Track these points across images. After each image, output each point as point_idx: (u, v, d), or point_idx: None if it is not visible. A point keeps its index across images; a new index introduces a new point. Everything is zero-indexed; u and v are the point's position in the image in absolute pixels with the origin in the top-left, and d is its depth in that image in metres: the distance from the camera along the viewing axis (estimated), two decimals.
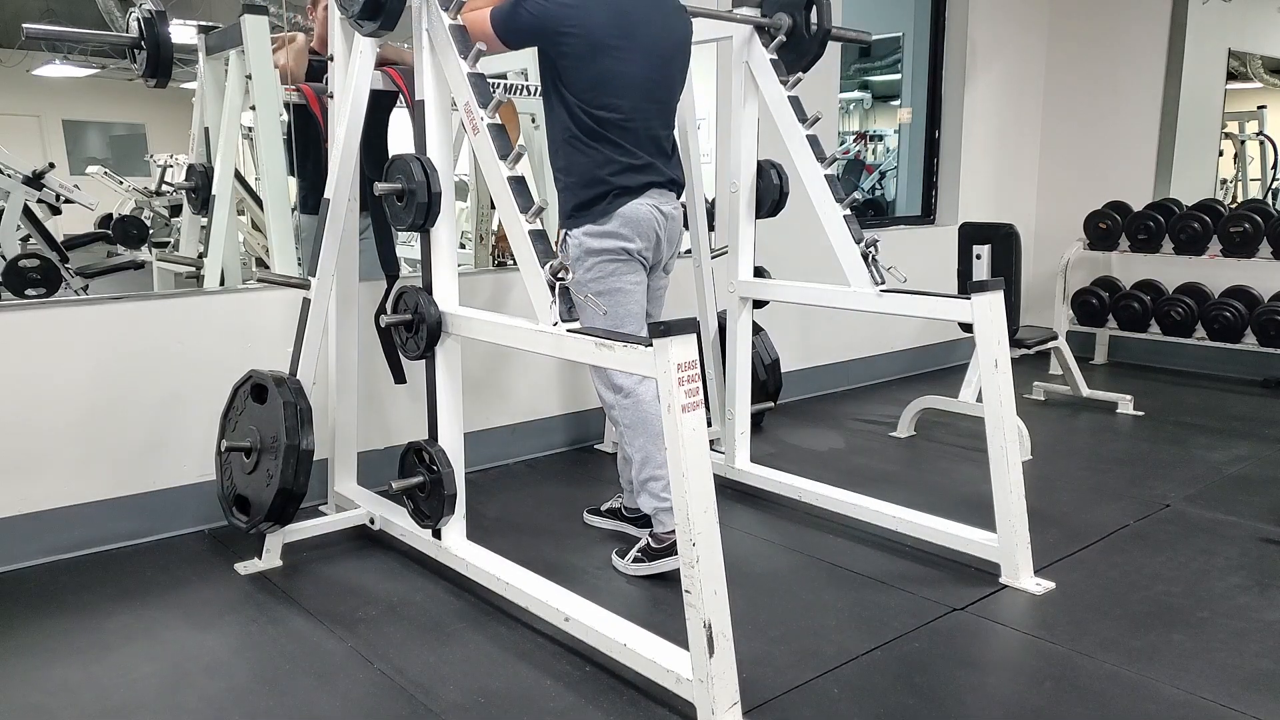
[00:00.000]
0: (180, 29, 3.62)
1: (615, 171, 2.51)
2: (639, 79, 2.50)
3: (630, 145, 2.53)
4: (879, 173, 8.15)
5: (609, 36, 2.43)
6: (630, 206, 2.53)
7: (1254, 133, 6.82)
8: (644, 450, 2.54)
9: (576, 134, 2.50)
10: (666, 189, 2.64)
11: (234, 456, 2.67)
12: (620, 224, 2.53)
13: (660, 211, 2.60)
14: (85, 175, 3.72)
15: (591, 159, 2.50)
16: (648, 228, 2.57)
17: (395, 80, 2.76)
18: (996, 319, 2.53)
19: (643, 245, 2.57)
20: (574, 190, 2.55)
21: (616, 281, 2.55)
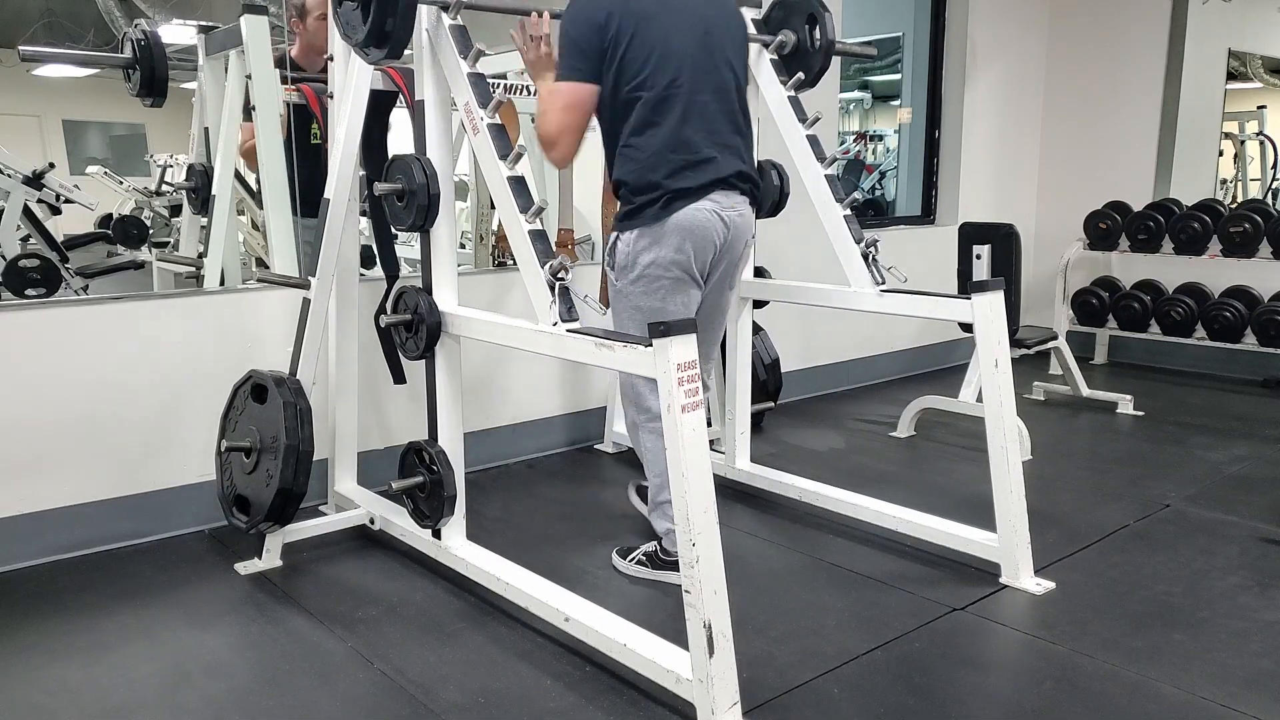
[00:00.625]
0: (180, 29, 3.63)
1: (670, 172, 2.30)
2: (687, 51, 2.31)
3: (685, 132, 2.30)
4: (879, 173, 8.15)
5: (645, 8, 2.27)
6: (687, 213, 2.32)
7: (1254, 133, 6.82)
8: (664, 475, 2.45)
9: (624, 135, 2.33)
10: (733, 188, 2.40)
11: (234, 456, 2.66)
12: (674, 233, 2.32)
13: (721, 218, 2.37)
14: (85, 175, 3.72)
15: (642, 160, 2.31)
16: (703, 238, 2.35)
17: (395, 80, 2.76)
18: (996, 319, 2.53)
19: (697, 258, 2.37)
20: (628, 198, 2.36)
21: (661, 301, 2.38)
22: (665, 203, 2.31)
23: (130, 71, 3.06)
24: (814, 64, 3.04)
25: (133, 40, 3.02)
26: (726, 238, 2.41)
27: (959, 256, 3.80)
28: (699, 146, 2.33)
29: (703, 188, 2.33)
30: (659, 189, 2.31)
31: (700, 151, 2.33)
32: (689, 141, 2.32)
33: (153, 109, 3.15)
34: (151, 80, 3.01)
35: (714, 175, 2.34)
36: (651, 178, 2.31)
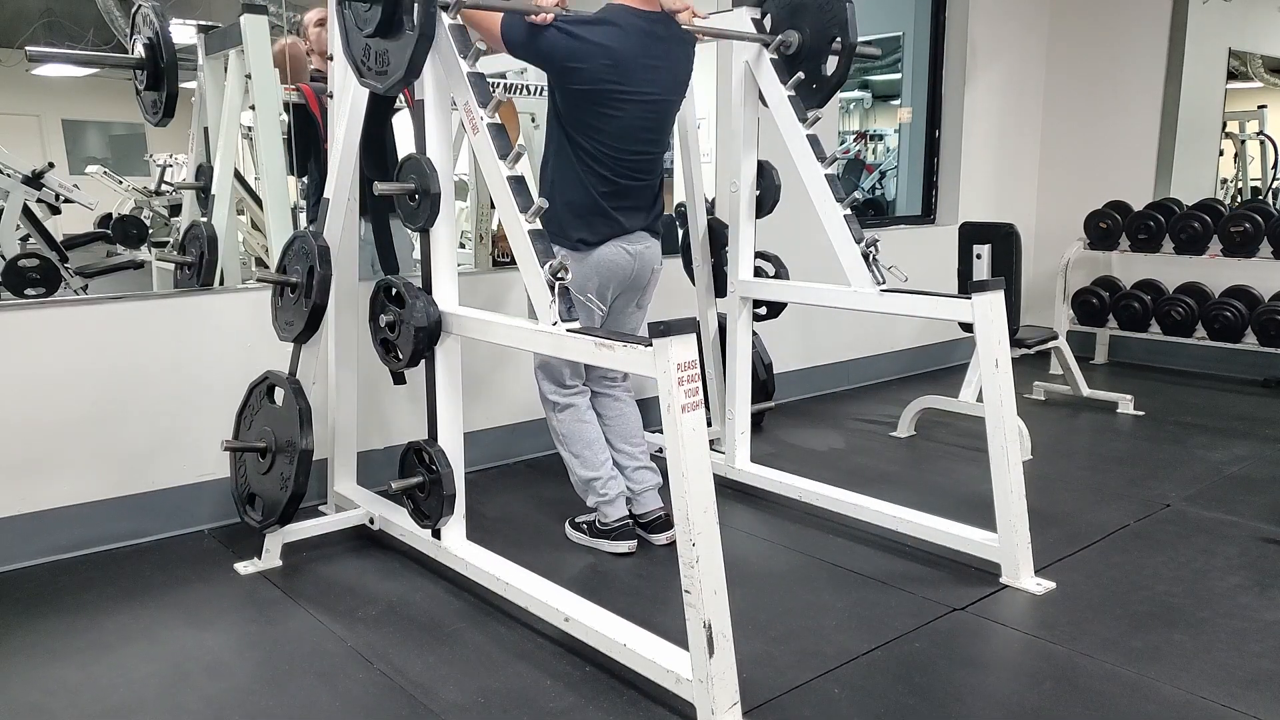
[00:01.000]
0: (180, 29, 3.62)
1: (591, 211, 2.62)
2: (631, 129, 2.60)
3: (612, 190, 2.63)
4: (879, 172, 8.14)
5: (607, 83, 2.52)
6: (599, 252, 2.66)
7: (1254, 132, 6.81)
8: (579, 454, 2.78)
9: (569, 155, 2.61)
10: (640, 232, 2.74)
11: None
12: (591, 269, 2.66)
13: (628, 251, 2.71)
14: (85, 175, 3.72)
15: (575, 184, 2.62)
16: (610, 270, 2.70)
17: None
18: (997, 319, 2.53)
19: (602, 284, 2.70)
20: (556, 205, 2.57)
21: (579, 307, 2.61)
22: (583, 243, 2.67)
23: (139, 72, 3.01)
24: (824, 69, 2.96)
25: (144, 42, 2.95)
26: (634, 267, 2.75)
27: (959, 256, 3.80)
28: (618, 201, 2.68)
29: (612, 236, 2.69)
30: (582, 222, 2.66)
31: (618, 203, 2.68)
32: (613, 195, 2.67)
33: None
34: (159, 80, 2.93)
35: (623, 229, 2.69)
36: (580, 205, 2.65)
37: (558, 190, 2.63)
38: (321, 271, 2.49)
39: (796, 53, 2.99)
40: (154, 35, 2.86)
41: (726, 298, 3.30)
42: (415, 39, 2.16)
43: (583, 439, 2.78)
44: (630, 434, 2.91)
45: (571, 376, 2.79)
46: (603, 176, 2.61)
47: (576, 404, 2.79)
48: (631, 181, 2.66)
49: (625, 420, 2.92)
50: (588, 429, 2.79)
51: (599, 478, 2.77)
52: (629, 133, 2.60)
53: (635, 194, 2.70)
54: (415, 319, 2.37)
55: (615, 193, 2.64)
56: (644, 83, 2.58)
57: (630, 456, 2.87)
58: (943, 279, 3.86)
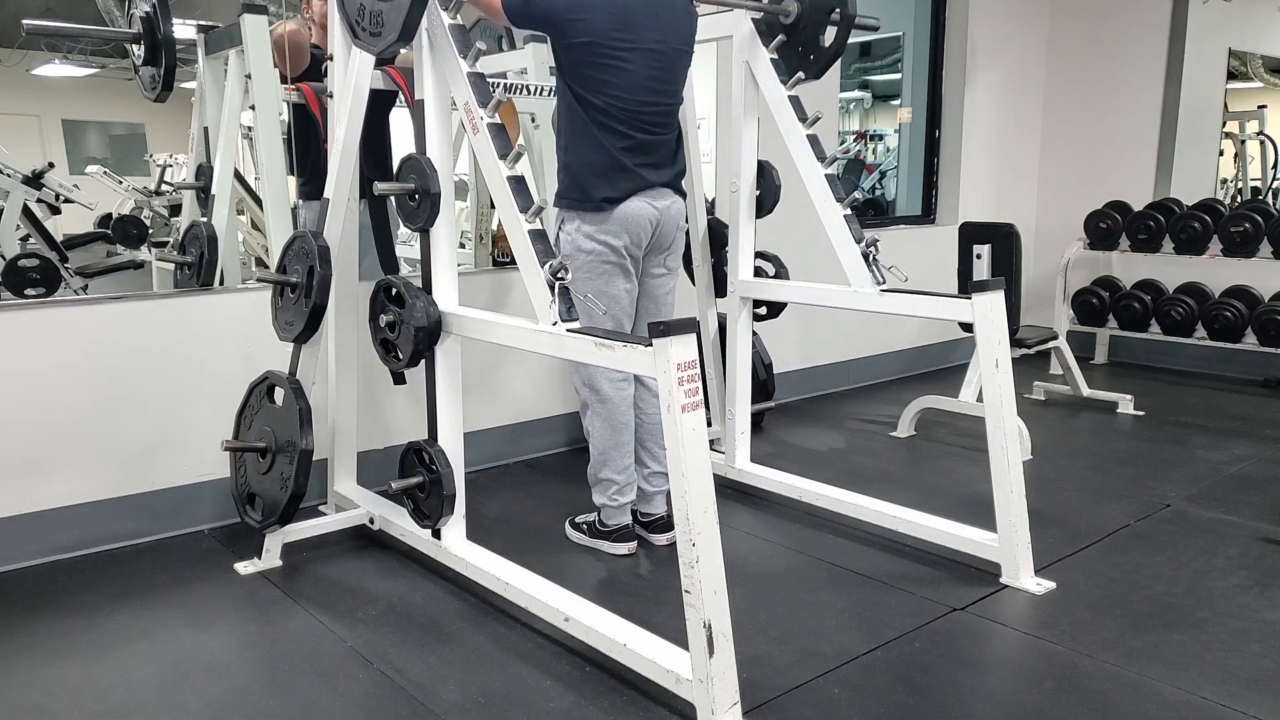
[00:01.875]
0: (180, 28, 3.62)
1: (612, 168, 2.56)
2: (639, 78, 2.54)
3: (630, 145, 2.57)
4: (879, 172, 8.14)
5: (612, 34, 2.47)
6: (625, 208, 2.60)
7: (1254, 132, 6.81)
8: (605, 452, 2.73)
9: (581, 118, 2.56)
10: (663, 188, 2.68)
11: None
12: (614, 223, 2.60)
13: (653, 206, 2.65)
14: (85, 175, 3.72)
15: (591, 144, 2.56)
16: (637, 224, 2.63)
17: (395, 80, 2.76)
18: (997, 319, 2.53)
19: (631, 241, 2.63)
20: (575, 171, 2.59)
21: (608, 285, 2.63)
22: (605, 200, 2.61)
23: (136, 47, 2.97)
24: (820, 44, 2.93)
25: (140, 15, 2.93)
26: (658, 221, 2.68)
27: (959, 256, 3.80)
28: (638, 156, 2.63)
29: (635, 190, 2.63)
30: (602, 180, 2.60)
31: (638, 158, 2.62)
32: (632, 151, 2.62)
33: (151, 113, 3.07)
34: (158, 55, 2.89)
35: (645, 184, 2.64)
36: (598, 164, 2.60)
37: (574, 153, 2.60)
38: (321, 271, 2.49)
39: (795, 22, 2.98)
40: (151, 8, 2.86)
41: (726, 298, 3.30)
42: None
43: (616, 437, 2.73)
44: (662, 438, 2.84)
45: (602, 380, 2.73)
46: (619, 132, 2.56)
47: (617, 399, 2.71)
48: (648, 135, 2.61)
49: (659, 418, 2.84)
50: (624, 429, 2.73)
51: (616, 483, 2.74)
52: (639, 83, 2.55)
53: (654, 148, 2.64)
54: (415, 319, 2.38)
55: (633, 148, 2.59)
56: (650, 30, 2.54)
57: (655, 459, 2.85)
58: (943, 279, 3.86)
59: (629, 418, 2.75)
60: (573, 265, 2.44)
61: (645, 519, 2.86)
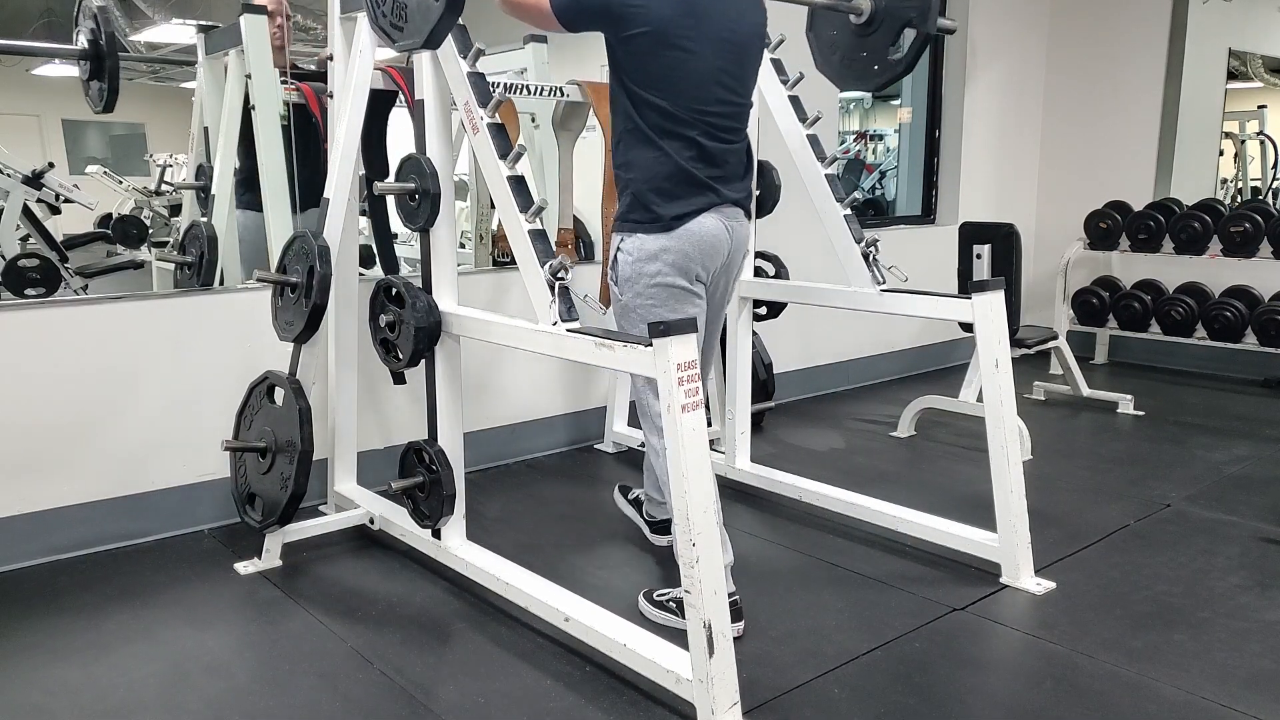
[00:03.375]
0: (180, 28, 3.62)
1: (681, 181, 2.26)
2: (708, 73, 2.25)
3: (699, 154, 2.28)
4: (879, 172, 8.15)
5: (677, 25, 2.19)
6: (698, 225, 2.29)
7: (1254, 132, 6.82)
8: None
9: (641, 126, 2.26)
10: (734, 206, 2.39)
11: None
12: (685, 243, 2.28)
13: (727, 226, 2.36)
14: (85, 175, 3.72)
15: (657, 158, 2.26)
16: (712, 245, 2.33)
17: (395, 79, 2.76)
18: (997, 319, 2.53)
19: (704, 266, 2.34)
20: (637, 188, 2.28)
21: (672, 313, 2.28)
22: (673, 218, 2.30)
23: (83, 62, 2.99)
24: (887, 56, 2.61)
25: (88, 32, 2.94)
26: (730, 246, 2.39)
27: (959, 256, 3.80)
28: (707, 166, 2.32)
29: (707, 206, 2.33)
30: (670, 195, 2.30)
31: (708, 170, 2.32)
32: (701, 160, 2.32)
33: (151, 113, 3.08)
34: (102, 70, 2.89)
35: (716, 199, 2.34)
36: (664, 178, 2.30)
37: (636, 169, 2.28)
38: (321, 271, 2.49)
39: (866, 23, 2.66)
40: (95, 27, 2.88)
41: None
42: (441, 9, 1.94)
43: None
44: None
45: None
46: (687, 139, 2.26)
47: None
48: (718, 144, 2.30)
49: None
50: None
51: None
52: (708, 76, 2.24)
53: (725, 159, 2.33)
54: (415, 319, 2.38)
55: (703, 157, 2.28)
56: (720, 16, 2.24)
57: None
58: (943, 279, 3.86)
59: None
60: (634, 290, 2.28)
61: (652, 519, 2.83)
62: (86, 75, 2.96)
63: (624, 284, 2.31)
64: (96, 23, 2.84)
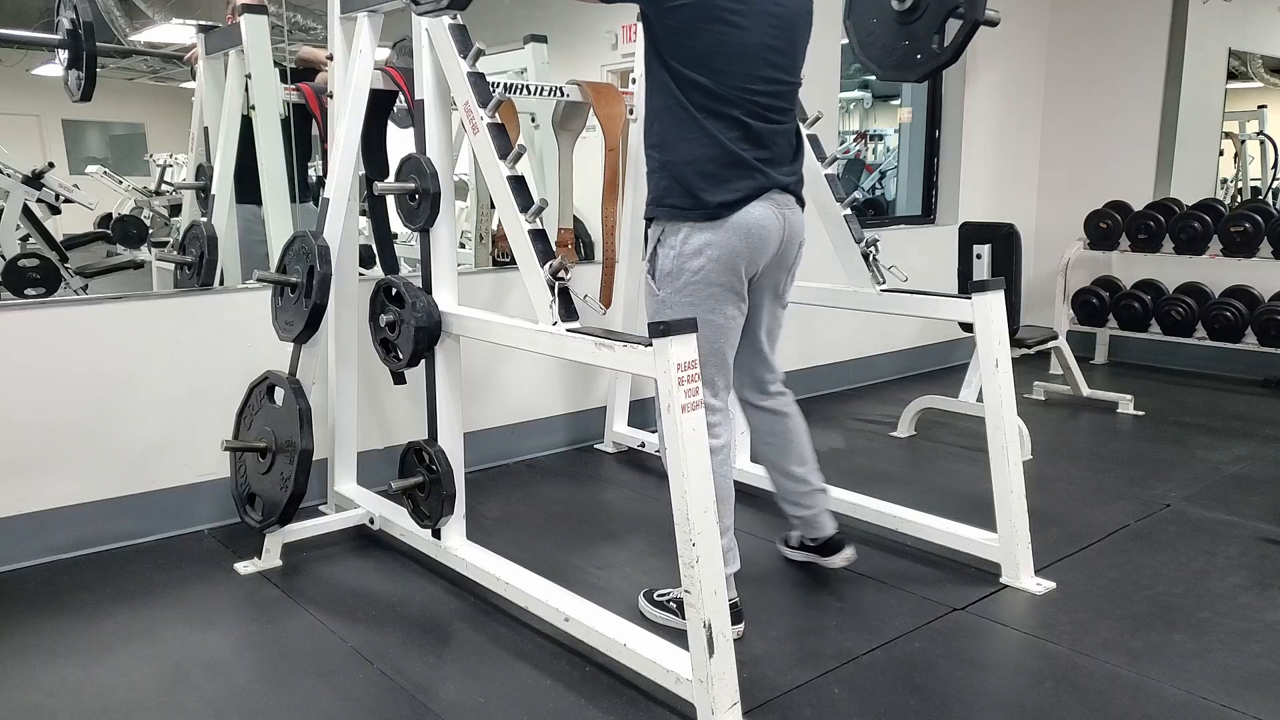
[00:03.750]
0: (180, 29, 3.62)
1: (727, 163, 2.11)
2: (755, 49, 2.10)
3: (745, 135, 2.13)
4: (879, 172, 8.15)
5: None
6: (746, 215, 2.14)
7: (1254, 132, 6.82)
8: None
9: (684, 104, 2.10)
10: (785, 192, 2.23)
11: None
12: (731, 234, 2.13)
13: (779, 214, 2.20)
14: (85, 175, 3.72)
15: (699, 138, 2.10)
16: (760, 236, 2.17)
17: (395, 80, 2.76)
18: (997, 319, 2.53)
19: (751, 259, 2.18)
20: (677, 170, 2.12)
21: (713, 312, 2.17)
22: (718, 205, 2.16)
23: (62, 52, 2.98)
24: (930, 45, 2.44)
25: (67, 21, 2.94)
26: (783, 234, 2.24)
27: (959, 256, 3.80)
28: (756, 148, 2.20)
29: (756, 191, 2.19)
30: (713, 179, 2.16)
31: (757, 152, 2.19)
32: (749, 141, 2.19)
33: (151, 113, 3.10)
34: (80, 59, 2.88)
35: (768, 182, 2.20)
36: (707, 161, 2.17)
37: (673, 148, 2.12)
38: (321, 271, 2.49)
39: (910, 9, 2.49)
40: (74, 16, 2.89)
41: None
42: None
43: (719, 493, 2.06)
44: (802, 453, 2.50)
45: (723, 390, 2.27)
46: (732, 118, 2.10)
47: (726, 443, 2.26)
48: (766, 124, 2.15)
49: (792, 438, 2.50)
50: (725, 483, 2.25)
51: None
52: (755, 52, 2.10)
53: (774, 140, 2.17)
54: (415, 319, 2.38)
55: (750, 138, 2.12)
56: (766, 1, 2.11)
57: (801, 481, 2.49)
58: (943, 279, 3.86)
59: (731, 463, 2.36)
60: (671, 286, 2.15)
61: (815, 543, 2.59)
62: (65, 64, 2.96)
63: (663, 279, 2.18)
64: (76, 12, 2.85)
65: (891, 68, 2.56)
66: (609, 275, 3.55)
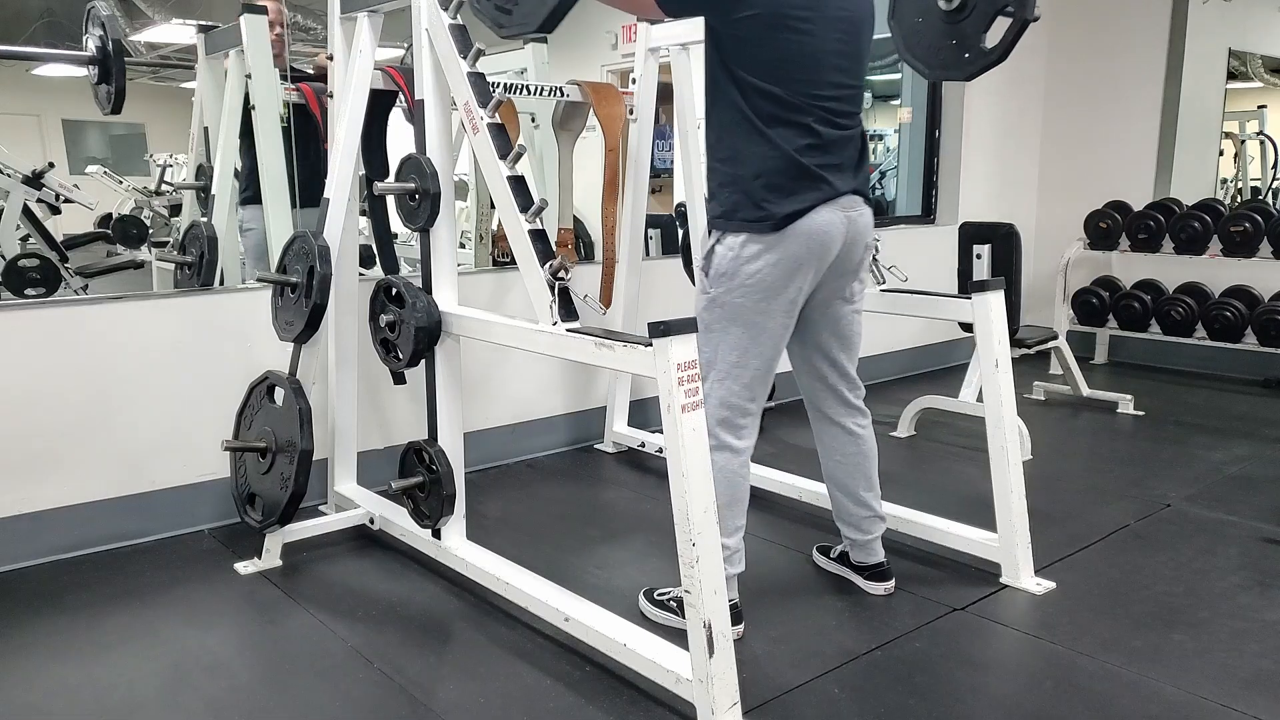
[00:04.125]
0: (180, 29, 3.63)
1: (794, 175, 2.10)
2: (824, 55, 2.10)
3: (813, 144, 2.12)
4: (879, 172, 8.14)
5: (792, 5, 2.04)
6: (810, 222, 2.12)
7: (1254, 132, 6.81)
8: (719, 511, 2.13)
9: (750, 116, 2.09)
10: (851, 195, 2.22)
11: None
12: (794, 242, 2.11)
13: (844, 216, 2.19)
14: (85, 175, 3.72)
15: (767, 150, 2.10)
16: (823, 242, 2.15)
17: (395, 80, 2.76)
18: (997, 319, 2.53)
19: (813, 267, 2.17)
20: (746, 185, 2.11)
21: (764, 318, 2.16)
22: (786, 216, 2.14)
23: (92, 67, 3.07)
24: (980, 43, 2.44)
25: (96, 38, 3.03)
26: (846, 235, 2.22)
27: (959, 256, 3.80)
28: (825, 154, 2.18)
29: (827, 198, 2.18)
30: (783, 191, 2.15)
31: (826, 158, 2.19)
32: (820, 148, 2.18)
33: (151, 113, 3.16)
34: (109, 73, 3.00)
35: (840, 189, 2.19)
36: (777, 173, 2.15)
37: (742, 163, 2.12)
38: (321, 271, 2.49)
39: (959, 8, 2.50)
40: (103, 34, 2.95)
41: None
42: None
43: (733, 493, 2.22)
44: (870, 478, 2.50)
45: (760, 395, 2.28)
46: (800, 127, 2.09)
47: (750, 445, 2.29)
48: (833, 130, 2.14)
49: (864, 461, 2.49)
50: (743, 485, 2.27)
51: (729, 549, 2.20)
52: (822, 59, 2.09)
53: (840, 148, 2.17)
54: (415, 319, 2.38)
55: (817, 146, 2.12)
56: (834, 4, 2.10)
57: (865, 506, 2.48)
58: (943, 279, 3.86)
59: (748, 472, 2.31)
60: (725, 286, 2.14)
61: (860, 565, 2.55)
62: (95, 79, 3.03)
63: (718, 278, 2.16)
64: (104, 29, 2.91)
65: (938, 67, 2.53)
66: (609, 275, 3.55)
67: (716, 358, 2.20)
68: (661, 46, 3.32)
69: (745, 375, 2.21)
